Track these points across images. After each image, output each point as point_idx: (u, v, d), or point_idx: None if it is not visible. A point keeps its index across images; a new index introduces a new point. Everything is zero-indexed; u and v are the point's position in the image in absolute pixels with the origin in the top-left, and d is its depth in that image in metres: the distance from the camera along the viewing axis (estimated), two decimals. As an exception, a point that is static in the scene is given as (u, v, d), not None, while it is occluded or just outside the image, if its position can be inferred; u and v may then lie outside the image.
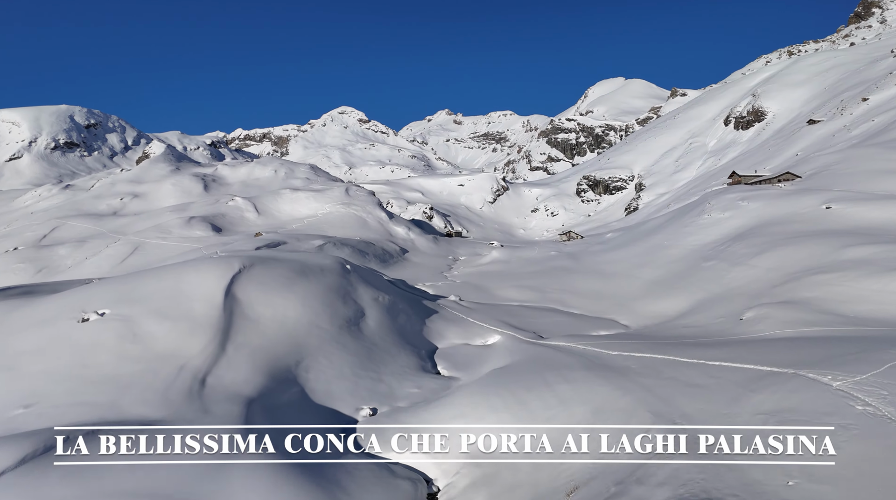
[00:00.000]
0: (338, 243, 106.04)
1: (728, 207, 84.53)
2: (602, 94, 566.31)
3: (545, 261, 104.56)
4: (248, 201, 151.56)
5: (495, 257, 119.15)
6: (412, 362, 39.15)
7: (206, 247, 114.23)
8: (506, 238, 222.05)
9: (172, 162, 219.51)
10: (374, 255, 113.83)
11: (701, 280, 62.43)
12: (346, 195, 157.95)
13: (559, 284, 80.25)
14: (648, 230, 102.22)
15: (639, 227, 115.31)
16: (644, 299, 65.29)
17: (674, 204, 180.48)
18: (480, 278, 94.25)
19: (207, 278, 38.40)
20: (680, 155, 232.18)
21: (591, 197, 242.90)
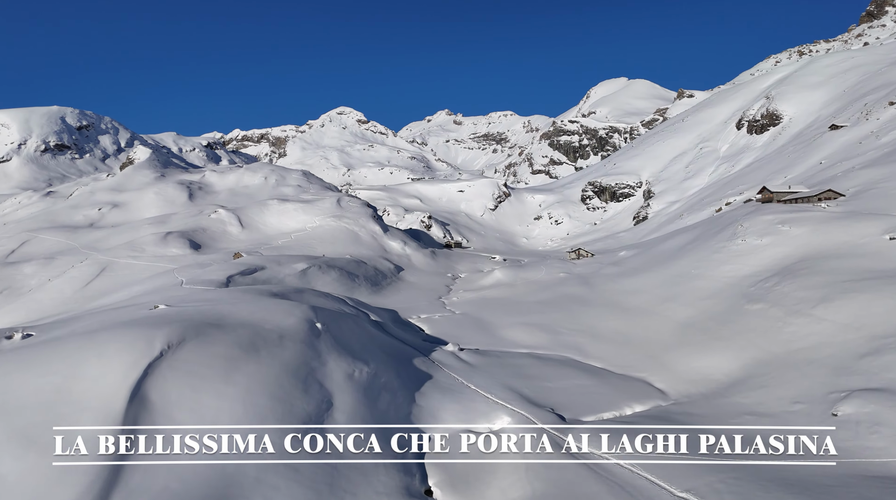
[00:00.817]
0: (324, 266, 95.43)
1: (766, 231, 73.94)
2: (605, 94, 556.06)
3: (554, 286, 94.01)
4: (232, 214, 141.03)
5: (498, 278, 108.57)
6: (393, 482, 28.54)
7: (180, 268, 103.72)
8: (508, 248, 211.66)
9: (158, 168, 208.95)
10: (366, 277, 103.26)
11: (749, 330, 51.89)
12: (337, 207, 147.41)
13: (574, 321, 69.68)
14: (670, 252, 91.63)
15: (656, 246, 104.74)
16: (678, 349, 54.76)
17: (687, 214, 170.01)
18: (482, 307, 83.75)
19: (111, 369, 27.80)
20: (690, 160, 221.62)
21: (597, 204, 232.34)
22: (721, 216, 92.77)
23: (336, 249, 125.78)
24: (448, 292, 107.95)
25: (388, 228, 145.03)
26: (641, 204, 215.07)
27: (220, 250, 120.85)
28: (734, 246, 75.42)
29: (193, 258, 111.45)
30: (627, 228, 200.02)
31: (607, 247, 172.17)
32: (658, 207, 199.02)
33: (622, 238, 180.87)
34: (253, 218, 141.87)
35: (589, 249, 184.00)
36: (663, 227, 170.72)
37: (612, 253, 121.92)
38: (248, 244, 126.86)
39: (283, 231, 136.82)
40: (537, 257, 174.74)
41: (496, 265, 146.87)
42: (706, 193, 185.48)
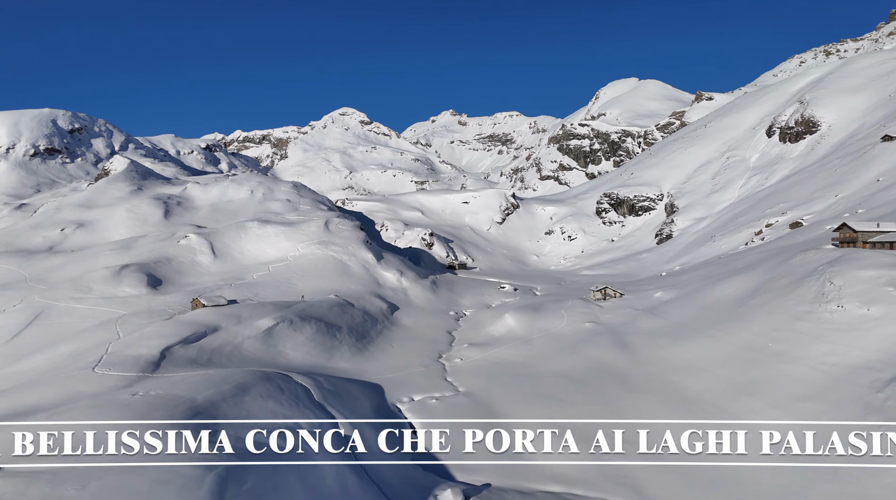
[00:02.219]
0: (297, 320, 77.39)
1: (871, 294, 55.66)
2: (615, 95, 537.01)
3: (580, 345, 75.88)
4: (204, 240, 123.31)
5: (510, 326, 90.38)
6: None
7: (128, 315, 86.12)
8: (517, 268, 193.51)
9: (135, 180, 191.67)
10: (350, 328, 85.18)
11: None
12: (324, 231, 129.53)
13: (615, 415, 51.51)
14: (725, 305, 73.27)
15: (701, 288, 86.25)
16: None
17: (719, 235, 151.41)
18: (492, 381, 65.76)
19: None
20: (717, 171, 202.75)
21: (614, 218, 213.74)
22: (790, 260, 74.38)
23: (320, 284, 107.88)
24: (451, 342, 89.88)
25: (381, 256, 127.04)
26: (664, 219, 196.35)
27: (183, 287, 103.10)
28: (827, 313, 57.06)
29: (147, 301, 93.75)
30: (650, 247, 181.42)
31: (632, 273, 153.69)
32: (683, 223, 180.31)
33: (646, 261, 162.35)
34: (228, 245, 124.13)
35: (608, 271, 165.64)
36: (693, 249, 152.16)
37: (642, 291, 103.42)
38: (219, 278, 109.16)
39: (262, 261, 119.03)
40: (551, 281, 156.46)
41: (506, 297, 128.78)
42: (738, 210, 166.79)
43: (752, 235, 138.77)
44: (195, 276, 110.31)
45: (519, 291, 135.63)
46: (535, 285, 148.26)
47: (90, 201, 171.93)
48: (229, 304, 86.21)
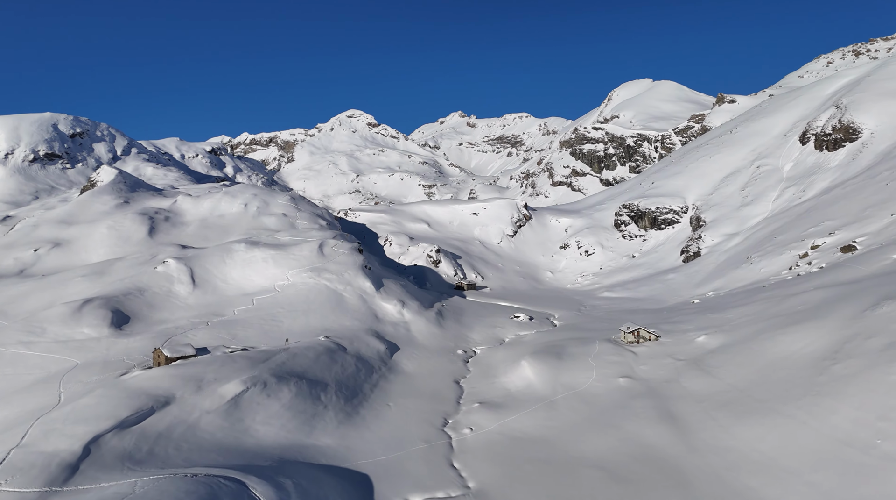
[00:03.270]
0: (272, 382, 64.03)
1: None
2: (628, 97, 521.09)
3: (617, 413, 62.18)
4: (184, 266, 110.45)
5: (528, 379, 76.72)
6: None
7: (80, 367, 73.35)
8: (530, 287, 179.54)
9: (122, 193, 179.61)
10: (339, 385, 71.82)
11: None
12: (318, 255, 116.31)
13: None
14: (796, 367, 59.26)
15: (757, 334, 72.06)
16: None
17: (756, 256, 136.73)
18: (508, 476, 52.25)
19: None
20: (746, 181, 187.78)
21: (634, 232, 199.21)
22: (877, 310, 60.27)
23: (309, 321, 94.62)
24: (459, 397, 76.30)
25: (381, 283, 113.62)
26: (689, 234, 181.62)
27: (152, 325, 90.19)
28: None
29: (107, 346, 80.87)
30: (675, 265, 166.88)
31: (658, 297, 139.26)
32: (712, 239, 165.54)
33: (673, 283, 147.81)
34: (210, 271, 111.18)
35: (631, 293, 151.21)
36: (727, 271, 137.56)
37: (680, 330, 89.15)
38: (196, 313, 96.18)
39: (246, 291, 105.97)
40: (569, 305, 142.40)
41: (520, 328, 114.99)
42: (774, 226, 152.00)
43: (797, 258, 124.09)
44: (169, 310, 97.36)
45: (535, 320, 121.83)
46: (551, 312, 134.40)
47: (71, 217, 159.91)
48: (198, 354, 73.16)
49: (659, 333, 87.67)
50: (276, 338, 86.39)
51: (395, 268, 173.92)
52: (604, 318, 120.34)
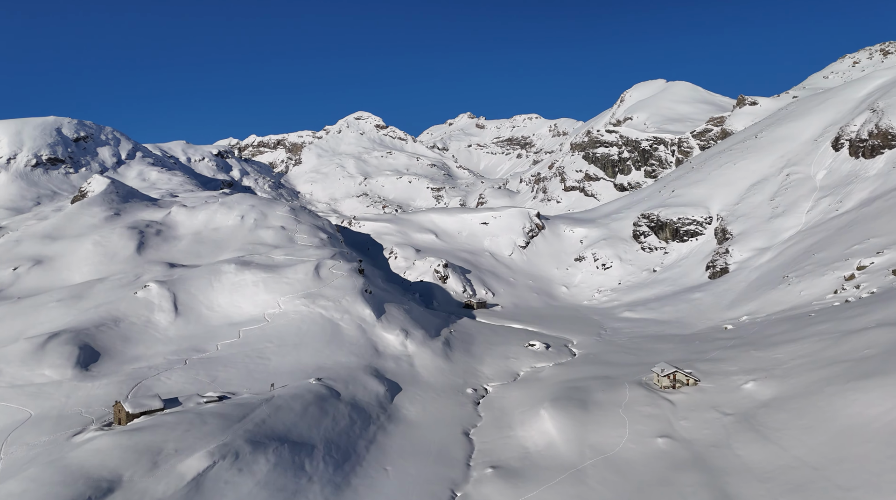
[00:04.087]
0: (246, 453, 53.72)
1: None
2: (641, 98, 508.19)
3: (661, 495, 51.39)
4: (166, 291, 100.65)
5: (549, 434, 66.07)
6: None
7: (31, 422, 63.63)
8: (544, 304, 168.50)
9: (114, 204, 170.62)
10: (329, 445, 61.47)
11: None
12: (314, 278, 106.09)
13: None
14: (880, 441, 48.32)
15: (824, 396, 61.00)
16: None
17: (794, 276, 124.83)
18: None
19: None
20: (775, 191, 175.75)
21: (655, 243, 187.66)
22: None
23: (300, 358, 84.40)
24: (468, 456, 65.81)
25: (382, 309, 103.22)
26: (715, 247, 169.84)
27: (123, 364, 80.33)
28: None
29: (67, 392, 71.10)
30: (701, 282, 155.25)
31: (684, 319, 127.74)
32: (740, 254, 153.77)
33: (701, 304, 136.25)
34: (195, 296, 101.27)
35: (654, 314, 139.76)
36: (761, 292, 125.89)
37: (720, 370, 77.93)
38: (174, 348, 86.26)
39: (233, 320, 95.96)
40: (587, 327, 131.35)
41: (536, 359, 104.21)
42: (810, 241, 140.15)
43: (841, 280, 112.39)
44: (146, 344, 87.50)
45: (552, 348, 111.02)
46: (568, 336, 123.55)
47: (57, 231, 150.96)
48: (165, 407, 63.08)
49: (697, 376, 76.54)
50: (260, 381, 76.26)
51: (401, 284, 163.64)
52: (628, 346, 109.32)
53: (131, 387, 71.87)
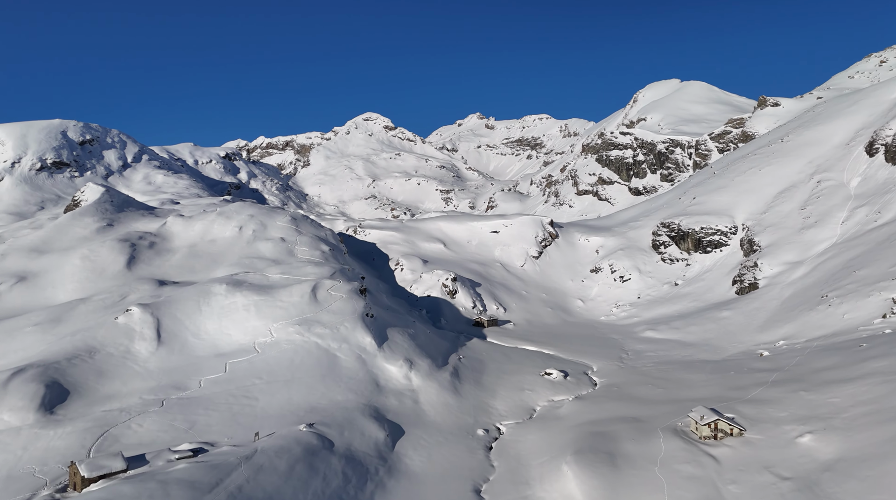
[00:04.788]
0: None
1: None
2: (655, 98, 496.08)
3: None
4: (150, 316, 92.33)
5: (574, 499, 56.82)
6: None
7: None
8: (559, 319, 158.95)
9: (107, 214, 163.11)
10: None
11: None
12: (310, 300, 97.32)
13: None
14: None
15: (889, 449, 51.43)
16: None
17: (835, 297, 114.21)
18: None
19: None
20: (805, 199, 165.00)
21: (676, 254, 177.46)
22: None
23: (291, 396, 75.65)
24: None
25: (385, 336, 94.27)
26: (741, 260, 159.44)
27: (93, 404, 72.02)
28: None
29: (24, 442, 62.82)
30: (727, 297, 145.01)
31: (713, 342, 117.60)
32: (771, 269, 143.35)
33: (729, 323, 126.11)
34: (181, 322, 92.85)
35: (678, 335, 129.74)
36: (797, 313, 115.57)
37: (768, 418, 68.29)
38: (153, 385, 77.80)
39: (221, 350, 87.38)
40: (607, 350, 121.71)
41: (553, 391, 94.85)
42: (849, 256, 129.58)
43: (890, 303, 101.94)
44: (122, 379, 79.13)
45: (570, 377, 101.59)
46: (587, 361, 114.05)
47: (45, 244, 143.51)
48: (129, 468, 54.56)
49: (742, 424, 66.83)
50: (245, 426, 67.61)
51: (407, 299, 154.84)
52: (654, 375, 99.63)
53: (97, 437, 63.47)
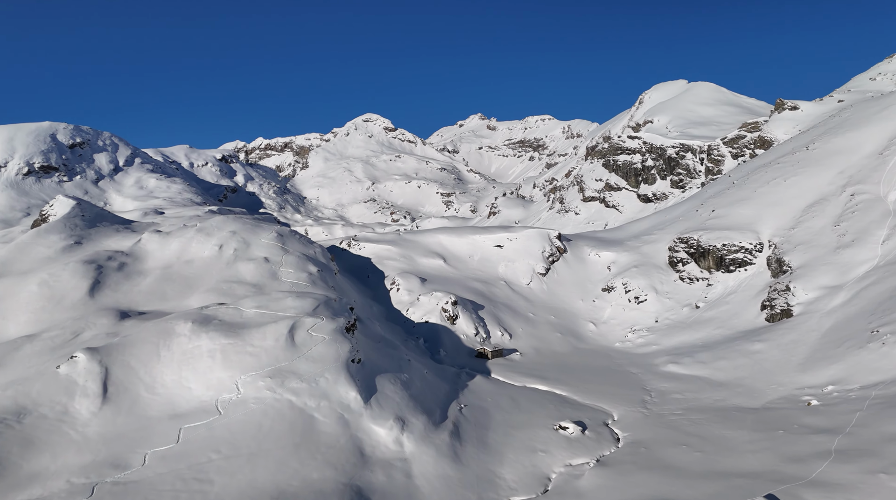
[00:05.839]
0: None
1: None
2: (661, 99, 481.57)
3: None
4: (97, 364, 78.72)
5: None
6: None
7: None
8: (570, 347, 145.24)
9: (77, 229, 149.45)
10: None
11: None
12: (286, 346, 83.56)
13: None
14: None
15: None
16: None
17: (886, 331, 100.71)
18: None
19: None
20: (839, 214, 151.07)
21: (695, 273, 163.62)
22: None
23: (256, 478, 61.94)
24: None
25: (374, 388, 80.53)
26: (769, 281, 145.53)
27: (12, 490, 58.50)
28: None
29: None
30: (757, 325, 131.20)
31: (746, 381, 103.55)
32: (805, 294, 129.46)
33: (764, 360, 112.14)
34: (135, 371, 79.17)
35: (705, 370, 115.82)
36: (844, 351, 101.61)
37: None
38: (88, 460, 64.20)
39: (177, 410, 73.66)
40: (627, 388, 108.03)
41: (571, 451, 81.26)
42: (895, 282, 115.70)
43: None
44: (53, 452, 65.51)
45: (588, 431, 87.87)
46: (606, 405, 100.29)
47: (3, 266, 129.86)
48: None
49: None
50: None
51: (403, 325, 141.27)
52: (687, 430, 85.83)
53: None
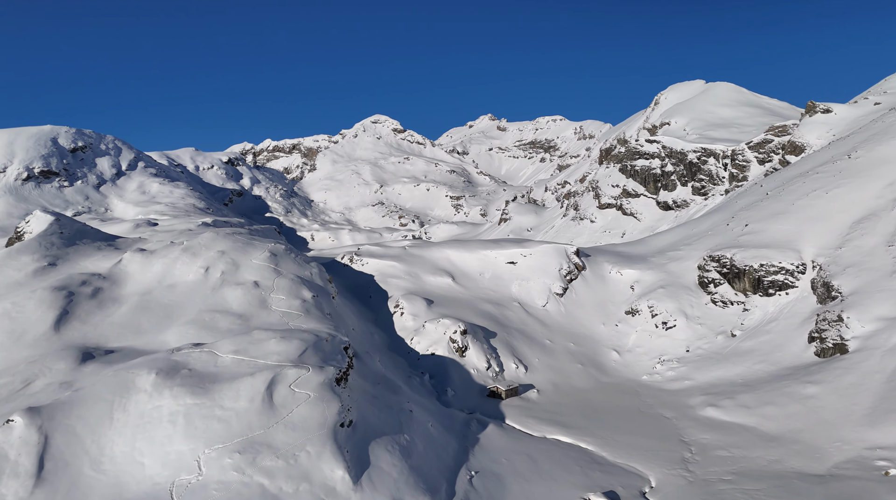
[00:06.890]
0: None
1: None
2: (678, 100, 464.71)
3: None
4: (34, 431, 65.80)
5: None
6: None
7: None
8: (592, 381, 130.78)
9: (52, 249, 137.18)
10: None
11: None
12: (263, 407, 70.05)
13: None
14: None
15: None
16: None
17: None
18: None
19: None
20: (893, 232, 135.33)
21: (730, 296, 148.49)
22: None
23: None
24: None
25: (368, 462, 66.90)
26: (815, 308, 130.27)
27: None
28: None
29: None
30: (805, 360, 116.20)
31: (804, 436, 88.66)
32: (862, 326, 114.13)
33: (821, 408, 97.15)
34: (82, 439, 66.12)
35: (751, 418, 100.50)
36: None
37: None
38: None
39: (125, 494, 60.42)
40: (664, 443, 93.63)
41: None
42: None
43: None
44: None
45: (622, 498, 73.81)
46: (640, 467, 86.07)
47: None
48: None
49: None
50: None
51: (406, 357, 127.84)
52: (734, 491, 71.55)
53: None
